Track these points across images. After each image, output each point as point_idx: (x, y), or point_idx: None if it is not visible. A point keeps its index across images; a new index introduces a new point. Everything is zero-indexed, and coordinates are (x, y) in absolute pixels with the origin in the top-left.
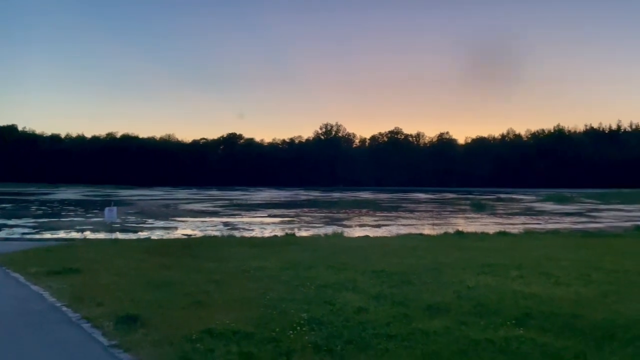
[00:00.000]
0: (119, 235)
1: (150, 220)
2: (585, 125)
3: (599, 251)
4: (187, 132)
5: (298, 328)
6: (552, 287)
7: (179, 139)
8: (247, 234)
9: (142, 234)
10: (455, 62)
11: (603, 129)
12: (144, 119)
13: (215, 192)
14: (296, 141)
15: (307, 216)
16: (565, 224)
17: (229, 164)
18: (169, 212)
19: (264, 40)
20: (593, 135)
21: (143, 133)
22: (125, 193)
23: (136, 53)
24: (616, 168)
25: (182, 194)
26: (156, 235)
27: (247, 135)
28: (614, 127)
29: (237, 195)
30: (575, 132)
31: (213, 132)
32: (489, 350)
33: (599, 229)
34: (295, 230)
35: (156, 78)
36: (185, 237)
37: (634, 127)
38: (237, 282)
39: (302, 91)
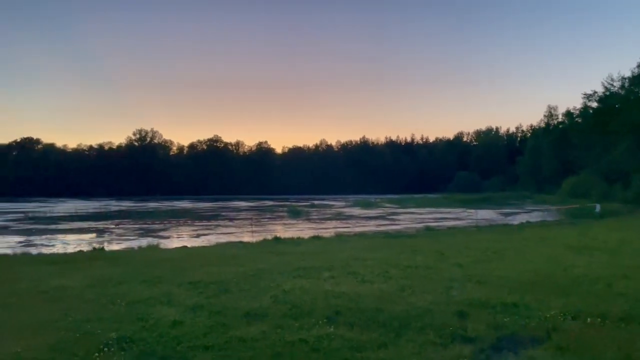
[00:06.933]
0: None
1: None
2: (386, 138)
3: (396, 250)
4: None
5: (105, 349)
6: (358, 285)
7: None
8: (45, 251)
9: None
10: (271, 69)
11: (400, 141)
12: None
13: (5, 205)
14: (106, 148)
15: (119, 228)
16: (370, 227)
17: (24, 172)
18: None
19: (69, 36)
20: (392, 146)
21: None
22: None
23: None
24: (411, 176)
25: None
26: None
27: (46, 140)
28: (408, 139)
29: (33, 207)
30: (377, 143)
31: (4, 136)
32: (303, 350)
33: (397, 231)
34: (105, 244)
35: None
36: None
37: (424, 140)
38: (32, 304)
39: (113, 95)
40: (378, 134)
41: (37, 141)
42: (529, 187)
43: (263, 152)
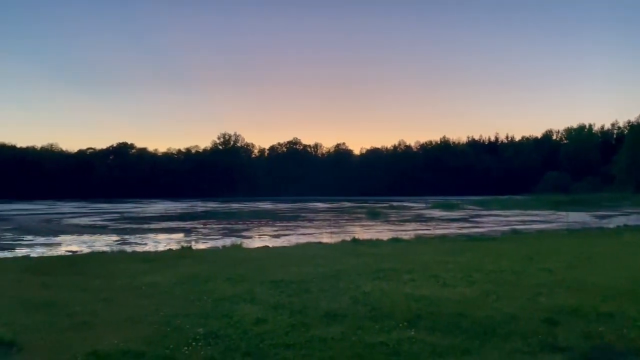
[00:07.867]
0: None
1: (29, 237)
2: (468, 137)
3: (480, 254)
4: (72, 141)
5: (194, 343)
6: (440, 289)
7: (63, 148)
8: (139, 249)
9: (20, 252)
10: (349, 70)
11: (483, 140)
12: (21, 127)
13: (104, 205)
14: (193, 151)
15: (205, 228)
16: (452, 229)
17: (120, 175)
18: (51, 227)
19: (157, 45)
20: (474, 146)
21: (21, 142)
22: (1, 207)
23: (10, 55)
24: (495, 176)
25: (66, 207)
26: (36, 252)
27: (139, 144)
28: (492, 139)
29: (128, 207)
30: (459, 143)
31: (101, 141)
32: (383, 353)
33: (480, 233)
34: (192, 243)
35: (34, 82)
36: (70, 253)
37: (509, 139)
38: (128, 299)
39: (199, 100)
40: (459, 134)
41: (131, 146)
42: (626, 188)
43: (341, 154)
